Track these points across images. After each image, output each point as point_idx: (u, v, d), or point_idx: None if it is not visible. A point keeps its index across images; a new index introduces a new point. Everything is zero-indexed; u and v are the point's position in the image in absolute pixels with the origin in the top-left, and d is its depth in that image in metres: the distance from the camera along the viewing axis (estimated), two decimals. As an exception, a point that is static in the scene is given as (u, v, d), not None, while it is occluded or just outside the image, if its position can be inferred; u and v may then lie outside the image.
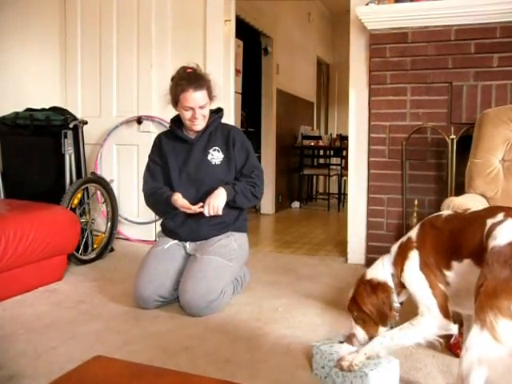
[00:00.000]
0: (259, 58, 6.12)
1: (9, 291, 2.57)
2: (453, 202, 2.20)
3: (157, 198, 2.61)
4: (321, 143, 7.18)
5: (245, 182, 2.57)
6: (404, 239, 1.58)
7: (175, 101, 2.53)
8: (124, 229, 4.06)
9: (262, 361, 1.89)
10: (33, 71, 3.95)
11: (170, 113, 2.74)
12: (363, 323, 1.63)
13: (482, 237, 1.36)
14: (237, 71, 4.92)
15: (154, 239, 3.74)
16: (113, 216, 3.67)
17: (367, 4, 3.20)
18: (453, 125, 3.08)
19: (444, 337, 2.00)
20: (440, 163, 3.16)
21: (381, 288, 1.58)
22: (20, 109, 3.57)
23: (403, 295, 1.60)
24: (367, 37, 3.33)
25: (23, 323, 2.25)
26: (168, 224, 2.66)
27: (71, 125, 3.42)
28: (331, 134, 7.77)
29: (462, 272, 1.41)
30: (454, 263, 1.42)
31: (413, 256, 1.50)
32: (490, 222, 1.36)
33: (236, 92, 4.47)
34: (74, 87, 4.21)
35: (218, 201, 2.45)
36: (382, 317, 1.59)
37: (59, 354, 1.92)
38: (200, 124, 2.57)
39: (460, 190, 2.72)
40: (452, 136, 3.01)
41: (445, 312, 1.45)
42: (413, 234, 1.55)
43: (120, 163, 4.11)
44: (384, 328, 1.61)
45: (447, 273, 1.44)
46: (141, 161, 3.83)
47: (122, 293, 2.66)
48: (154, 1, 3.94)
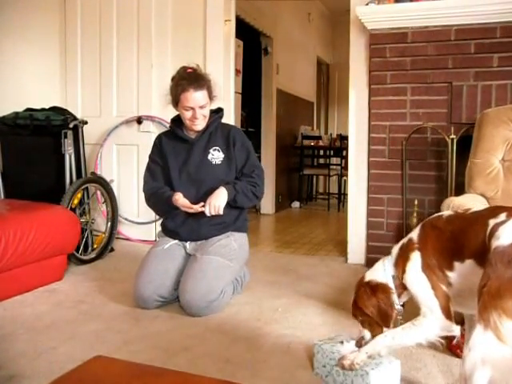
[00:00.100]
0: (259, 58, 6.12)
1: (9, 291, 2.57)
2: (453, 202, 2.20)
3: (157, 198, 2.61)
4: (321, 143, 7.18)
5: (245, 182, 2.57)
6: (405, 240, 1.57)
7: (175, 101, 2.53)
8: (124, 229, 4.06)
9: (262, 361, 1.89)
10: (33, 71, 3.95)
11: (170, 113, 2.75)
12: (369, 326, 1.62)
13: (485, 237, 1.35)
14: (237, 71, 4.92)
15: (154, 239, 3.74)
16: (113, 216, 3.67)
17: (367, 4, 3.20)
18: (453, 125, 3.08)
19: (445, 338, 2.01)
20: (440, 163, 3.16)
21: (380, 289, 1.58)
22: (20, 109, 3.57)
23: (404, 296, 1.60)
24: (367, 37, 3.33)
25: (23, 323, 2.25)
26: (168, 224, 2.66)
27: (71, 125, 3.42)
28: (331, 134, 7.77)
29: (465, 272, 1.40)
30: (456, 264, 1.42)
31: (414, 257, 1.50)
32: (493, 222, 1.36)
33: (236, 92, 4.47)
34: (74, 87, 4.21)
35: (219, 200, 2.45)
36: (384, 317, 1.58)
37: (59, 354, 1.92)
38: (200, 124, 2.57)
39: (460, 190, 2.72)
40: (452, 136, 3.01)
41: (447, 313, 1.45)
42: (414, 235, 1.54)
43: (120, 163, 4.11)
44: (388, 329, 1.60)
45: (449, 273, 1.44)
46: (141, 161, 3.84)
47: (122, 293, 2.66)
48: (154, 1, 3.94)
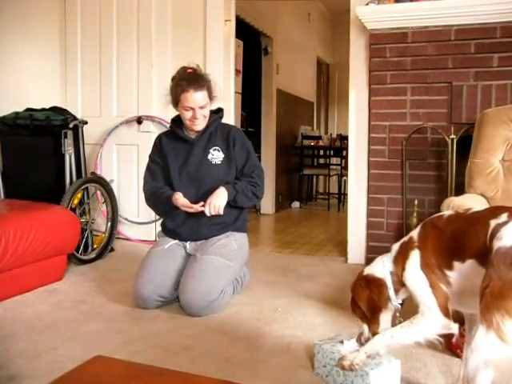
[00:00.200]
0: (259, 58, 6.12)
1: (9, 291, 2.57)
2: (453, 202, 2.20)
3: (157, 198, 2.61)
4: (321, 143, 7.18)
5: (245, 182, 2.57)
6: (406, 239, 1.58)
7: (176, 101, 2.53)
8: (124, 229, 4.06)
9: (262, 361, 1.89)
10: (33, 71, 3.95)
11: (170, 113, 2.75)
12: (366, 320, 1.62)
13: (486, 237, 1.35)
14: (237, 71, 4.92)
15: (154, 239, 3.74)
16: (113, 216, 3.67)
17: (367, 4, 3.20)
18: (453, 125, 3.08)
19: (444, 336, 2.01)
20: (440, 163, 3.16)
21: (375, 283, 1.59)
22: (20, 109, 3.57)
23: (402, 294, 1.60)
24: (367, 37, 3.33)
25: (23, 323, 2.25)
26: (168, 224, 2.66)
27: (71, 125, 3.43)
28: (331, 134, 7.77)
29: (465, 272, 1.41)
30: (456, 263, 1.42)
31: (414, 256, 1.50)
32: (494, 223, 1.35)
33: (236, 92, 4.47)
34: (74, 87, 4.21)
35: (219, 200, 2.45)
36: (372, 310, 1.59)
37: (59, 354, 1.92)
38: (200, 124, 2.57)
39: (460, 190, 2.72)
40: (452, 136, 3.01)
41: (445, 311, 1.45)
42: (414, 234, 1.55)
43: (120, 163, 4.11)
44: (385, 323, 1.60)
45: (449, 273, 1.44)
46: (141, 161, 3.84)
47: (122, 293, 2.66)
48: (154, 1, 3.94)
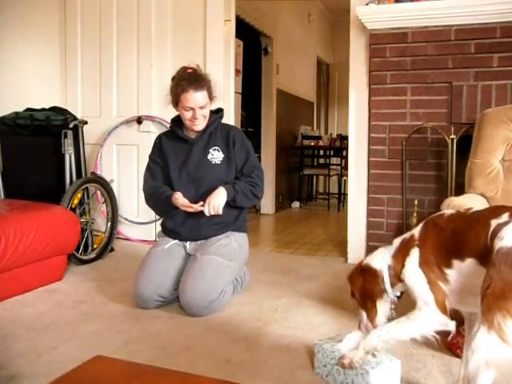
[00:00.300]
0: (259, 58, 6.12)
1: (9, 291, 2.57)
2: (453, 202, 2.20)
3: (157, 198, 2.62)
4: (321, 143, 7.18)
5: (245, 182, 2.57)
6: (407, 236, 1.59)
7: (176, 101, 2.53)
8: (124, 229, 4.06)
9: (262, 361, 1.89)
10: (33, 71, 3.95)
11: (170, 113, 2.75)
12: (363, 307, 1.64)
13: (486, 237, 1.35)
14: (237, 71, 4.92)
15: (154, 239, 3.74)
16: (113, 216, 3.67)
17: (367, 4, 3.20)
18: (453, 125, 3.08)
19: (443, 335, 2.01)
20: (440, 163, 3.16)
21: (369, 272, 1.60)
22: (20, 109, 3.57)
23: (399, 288, 1.61)
24: (367, 37, 3.33)
25: (23, 323, 2.25)
26: (168, 224, 2.66)
27: (71, 125, 3.43)
28: (331, 134, 7.77)
29: (464, 271, 1.41)
30: (455, 262, 1.43)
31: (413, 253, 1.51)
32: (495, 223, 1.36)
33: (236, 92, 4.47)
34: (74, 87, 4.21)
35: (219, 200, 2.45)
36: (363, 298, 1.61)
37: (59, 354, 1.92)
38: (200, 124, 2.57)
39: (460, 190, 2.72)
40: (452, 136, 3.01)
41: (442, 307, 1.45)
42: (416, 232, 1.56)
43: (120, 163, 4.11)
44: (383, 313, 1.61)
45: (447, 271, 1.45)
46: (141, 161, 3.84)
47: (122, 293, 2.66)
48: (154, 1, 3.94)
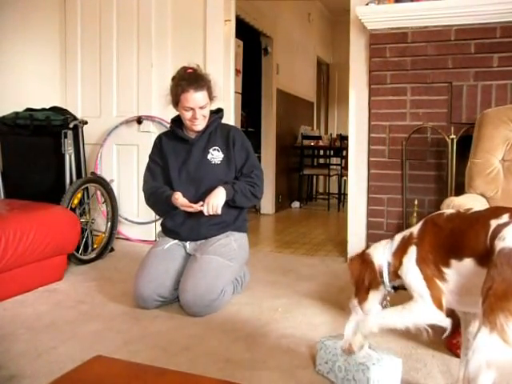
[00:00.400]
0: (259, 58, 6.12)
1: (9, 291, 2.57)
2: (453, 202, 2.19)
3: (157, 198, 2.62)
4: (321, 143, 7.18)
5: (244, 182, 2.57)
6: (407, 233, 1.60)
7: (176, 101, 2.53)
8: (124, 229, 4.06)
9: (262, 361, 1.89)
10: (33, 71, 3.95)
11: (170, 113, 2.75)
12: (357, 291, 1.70)
13: (486, 237, 1.35)
14: (237, 71, 4.92)
15: (154, 239, 3.74)
16: (113, 216, 3.67)
17: (367, 4, 3.20)
18: (453, 125, 3.07)
19: (442, 335, 2.01)
20: (440, 163, 3.16)
21: (369, 265, 1.62)
22: (20, 109, 3.57)
23: (396, 283, 1.62)
24: (367, 37, 3.33)
25: (23, 323, 2.25)
26: (168, 224, 2.66)
27: (71, 125, 3.42)
28: (331, 134, 7.77)
29: (462, 271, 1.41)
30: (453, 261, 1.43)
31: (411, 251, 1.52)
32: (495, 223, 1.35)
33: (236, 92, 4.46)
34: (74, 87, 4.22)
35: (218, 200, 2.46)
36: (359, 287, 1.65)
37: (59, 354, 1.93)
38: (200, 124, 2.58)
39: (460, 190, 2.72)
40: (452, 136, 3.01)
41: (438, 303, 1.46)
42: (415, 230, 1.57)
43: (120, 163, 4.11)
44: (373, 302, 1.65)
45: (445, 270, 1.45)
46: (141, 161, 3.84)
47: (122, 293, 2.66)
48: (154, 1, 3.94)
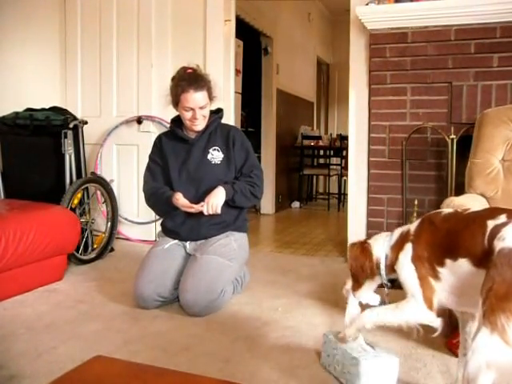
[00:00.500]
0: (259, 58, 6.12)
1: (9, 291, 2.57)
2: (453, 202, 2.19)
3: (157, 198, 2.62)
4: (321, 143, 7.18)
5: (244, 182, 2.57)
6: (405, 229, 1.61)
7: (176, 101, 2.53)
8: (124, 229, 4.06)
9: (262, 361, 1.89)
10: (33, 71, 3.95)
11: (170, 113, 2.74)
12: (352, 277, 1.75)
13: (483, 238, 1.35)
14: (237, 71, 4.92)
15: (154, 239, 3.74)
16: (113, 216, 3.67)
17: (367, 4, 3.20)
18: (453, 125, 3.08)
19: (443, 336, 2.01)
20: (440, 163, 3.16)
21: (367, 256, 1.65)
22: (20, 109, 3.57)
23: (393, 276, 1.64)
24: (367, 37, 3.33)
25: (23, 323, 2.25)
26: (168, 224, 2.66)
27: (71, 125, 3.42)
28: (331, 134, 7.77)
29: (457, 270, 1.42)
30: (448, 261, 1.43)
31: (407, 248, 1.53)
32: (492, 224, 1.35)
33: (236, 92, 4.46)
34: (74, 87, 4.22)
35: (217, 199, 2.46)
36: (354, 274, 1.70)
37: (59, 354, 1.92)
38: (200, 124, 2.58)
39: (460, 190, 2.72)
40: (452, 136, 3.01)
41: (429, 303, 1.47)
42: (412, 228, 1.58)
43: (120, 163, 4.11)
44: (367, 290, 1.70)
45: (439, 269, 1.46)
46: (141, 161, 3.84)
47: (122, 293, 2.66)
48: (154, 1, 3.94)
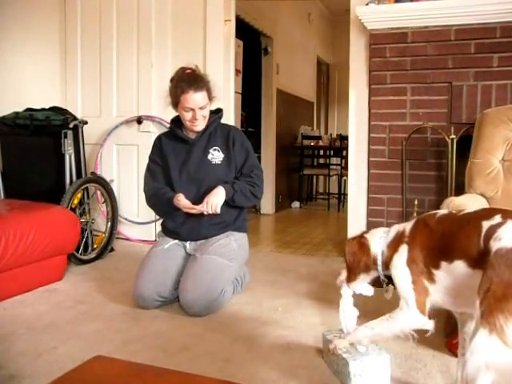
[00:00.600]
0: (259, 58, 6.12)
1: (9, 291, 2.57)
2: (453, 202, 2.19)
3: (158, 199, 2.61)
4: (321, 143, 7.18)
5: (244, 182, 2.57)
6: (401, 229, 1.60)
7: (175, 102, 2.53)
8: (124, 229, 4.06)
9: (262, 361, 1.89)
10: (33, 71, 3.95)
11: (170, 113, 2.74)
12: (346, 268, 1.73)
13: (478, 239, 1.34)
14: (237, 71, 4.92)
15: (154, 239, 3.74)
16: (113, 216, 3.67)
17: (367, 4, 3.20)
18: (453, 125, 3.08)
19: (444, 336, 2.01)
20: (440, 163, 3.16)
21: (364, 250, 1.64)
22: (20, 109, 3.57)
23: (387, 273, 1.64)
24: (367, 37, 3.33)
25: (23, 323, 2.25)
26: (168, 224, 2.66)
27: (71, 125, 3.43)
28: (331, 134, 7.77)
29: (453, 272, 1.41)
30: (444, 263, 1.42)
31: (402, 250, 1.53)
32: (488, 224, 1.34)
33: (236, 92, 4.46)
34: (74, 87, 4.22)
35: (217, 199, 2.46)
36: (351, 266, 1.68)
37: (59, 354, 1.93)
38: (200, 125, 2.58)
39: (460, 190, 2.72)
40: (452, 136, 3.01)
41: (421, 307, 1.48)
42: (407, 229, 1.57)
43: (120, 163, 4.11)
44: (361, 282, 1.69)
45: (435, 271, 1.45)
46: (141, 161, 3.84)
47: (122, 293, 2.66)
48: (154, 1, 3.94)
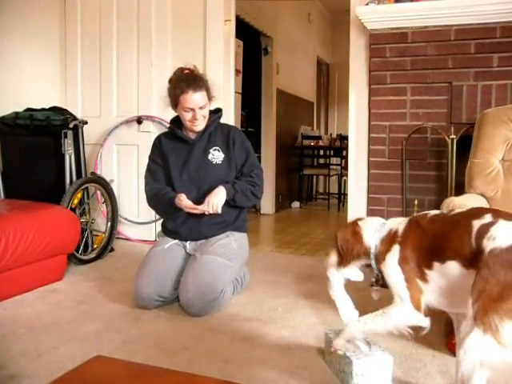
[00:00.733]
0: (259, 58, 6.12)
1: (9, 291, 2.57)
2: (453, 202, 2.19)
3: (160, 199, 2.61)
4: (321, 143, 7.18)
5: (245, 182, 2.58)
6: (394, 227, 1.58)
7: (175, 103, 2.53)
8: (124, 229, 4.06)
9: (262, 361, 1.89)
10: (33, 71, 3.95)
11: (170, 113, 2.74)
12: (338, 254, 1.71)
13: (469, 238, 1.34)
14: (237, 71, 4.92)
15: (154, 239, 3.74)
16: (113, 216, 3.67)
17: (367, 4, 3.20)
18: (453, 125, 3.07)
19: (444, 336, 2.01)
20: (440, 163, 3.16)
21: (358, 240, 1.64)
22: (20, 109, 3.57)
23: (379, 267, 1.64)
24: (367, 37, 3.33)
25: (23, 323, 2.25)
26: (169, 224, 2.66)
27: (71, 125, 3.43)
28: (331, 134, 7.77)
29: (446, 272, 1.41)
30: (436, 264, 1.42)
31: (394, 250, 1.52)
32: (478, 223, 1.34)
33: (236, 92, 4.46)
34: (74, 87, 4.22)
35: (218, 199, 2.46)
36: (342, 251, 1.66)
37: (59, 354, 1.93)
38: (200, 125, 2.58)
39: (460, 190, 2.72)
40: (452, 136, 3.01)
41: (416, 304, 1.47)
42: (400, 228, 1.56)
43: (120, 163, 4.11)
44: (350, 269, 1.68)
45: (427, 271, 1.45)
46: (141, 161, 3.84)
47: (122, 293, 2.66)
48: (154, 0, 3.94)
